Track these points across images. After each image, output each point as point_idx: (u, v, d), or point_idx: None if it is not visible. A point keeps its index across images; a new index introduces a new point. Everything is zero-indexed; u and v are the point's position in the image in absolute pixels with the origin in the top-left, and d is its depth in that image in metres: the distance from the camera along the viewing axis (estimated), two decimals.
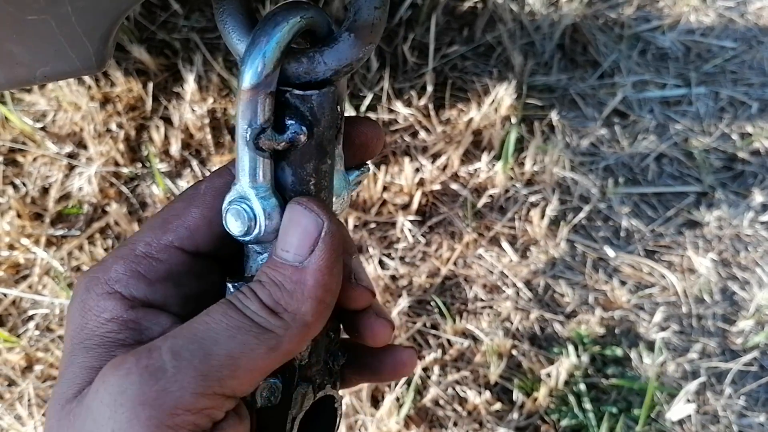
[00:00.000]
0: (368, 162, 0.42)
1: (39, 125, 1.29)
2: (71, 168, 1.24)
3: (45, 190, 1.22)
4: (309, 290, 0.34)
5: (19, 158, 1.26)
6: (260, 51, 0.34)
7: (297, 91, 0.35)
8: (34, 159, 1.25)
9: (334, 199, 0.39)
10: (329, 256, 0.35)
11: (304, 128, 0.35)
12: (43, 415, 0.99)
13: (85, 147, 1.26)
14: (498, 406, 1.04)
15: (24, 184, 1.22)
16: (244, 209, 0.35)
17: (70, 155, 1.26)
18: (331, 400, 0.41)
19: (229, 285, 0.36)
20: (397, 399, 1.02)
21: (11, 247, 1.15)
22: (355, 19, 0.36)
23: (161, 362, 0.31)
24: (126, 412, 0.30)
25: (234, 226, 0.36)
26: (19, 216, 1.17)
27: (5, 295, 1.11)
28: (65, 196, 1.21)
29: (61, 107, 1.30)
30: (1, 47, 0.41)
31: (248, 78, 0.33)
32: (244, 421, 0.35)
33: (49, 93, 1.33)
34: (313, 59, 0.36)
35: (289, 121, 0.35)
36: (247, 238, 0.36)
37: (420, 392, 1.05)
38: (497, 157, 1.29)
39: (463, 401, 1.05)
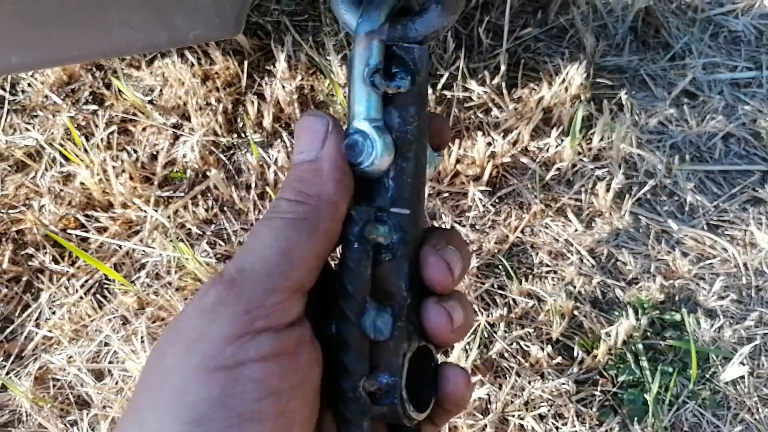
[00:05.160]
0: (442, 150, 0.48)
1: (147, 98, 1.44)
2: (176, 137, 1.39)
3: (153, 157, 1.36)
4: (327, 174, 0.39)
5: (131, 128, 1.41)
6: (377, 6, 0.42)
7: (403, 44, 0.43)
8: (144, 128, 1.40)
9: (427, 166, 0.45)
10: (339, 145, 0.40)
11: (408, 75, 0.42)
12: None
13: (188, 119, 1.40)
14: (559, 360, 1.12)
15: (135, 151, 1.37)
16: (361, 140, 0.41)
17: (175, 126, 1.40)
18: (429, 354, 0.44)
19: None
20: (465, 350, 1.12)
21: (125, 205, 1.30)
22: None
23: (230, 276, 0.36)
24: (208, 314, 0.35)
25: (352, 156, 0.41)
26: (131, 178, 1.32)
27: (120, 246, 1.26)
28: (171, 162, 1.36)
29: (167, 82, 1.44)
30: (166, 15, 0.53)
31: (367, 25, 0.42)
32: (316, 347, 0.39)
33: (156, 70, 1.47)
34: (406, 27, 0.46)
35: (396, 70, 0.42)
36: (364, 167, 0.41)
37: (486, 345, 1.14)
38: (566, 134, 1.36)
39: (526, 355, 1.13)
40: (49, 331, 1.19)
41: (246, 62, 1.44)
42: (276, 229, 0.37)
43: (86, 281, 1.23)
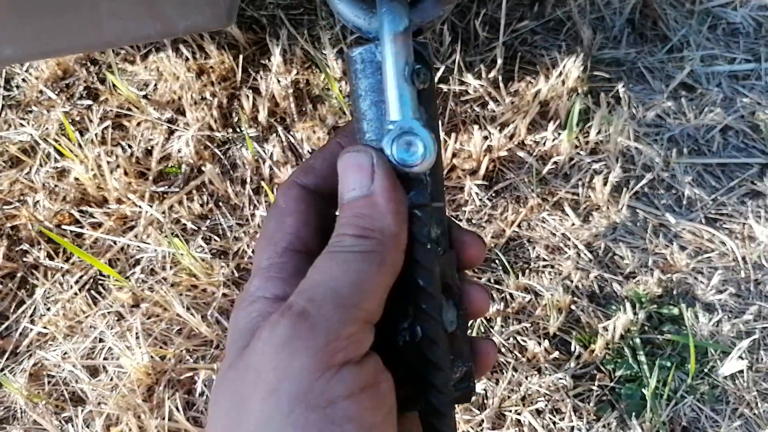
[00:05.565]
0: None
1: (142, 93, 1.43)
2: (171, 132, 1.38)
3: (148, 152, 1.36)
4: (383, 207, 0.39)
5: (125, 123, 1.40)
6: (401, 4, 0.41)
7: (420, 39, 0.41)
8: (138, 123, 1.39)
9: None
10: (388, 176, 0.39)
11: (428, 71, 0.41)
12: (149, 346, 1.13)
13: (183, 113, 1.39)
14: (556, 355, 1.11)
15: (130, 146, 1.36)
16: (414, 140, 0.40)
17: (170, 120, 1.39)
18: None
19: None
20: None
21: (119, 201, 1.29)
22: None
23: (302, 308, 0.35)
24: (285, 349, 0.34)
25: (409, 157, 0.40)
26: (126, 174, 1.31)
27: (115, 242, 1.25)
28: (166, 157, 1.35)
29: (162, 77, 1.43)
30: (156, 6, 0.52)
31: (402, 23, 0.40)
32: (387, 372, 0.39)
33: (151, 64, 1.46)
34: None
35: (417, 66, 0.41)
36: (417, 168, 0.40)
37: None
38: (563, 127, 1.35)
39: (523, 349, 1.13)
40: (44, 328, 1.18)
41: (241, 56, 1.43)
42: (346, 263, 0.37)
43: (81, 277, 1.22)
